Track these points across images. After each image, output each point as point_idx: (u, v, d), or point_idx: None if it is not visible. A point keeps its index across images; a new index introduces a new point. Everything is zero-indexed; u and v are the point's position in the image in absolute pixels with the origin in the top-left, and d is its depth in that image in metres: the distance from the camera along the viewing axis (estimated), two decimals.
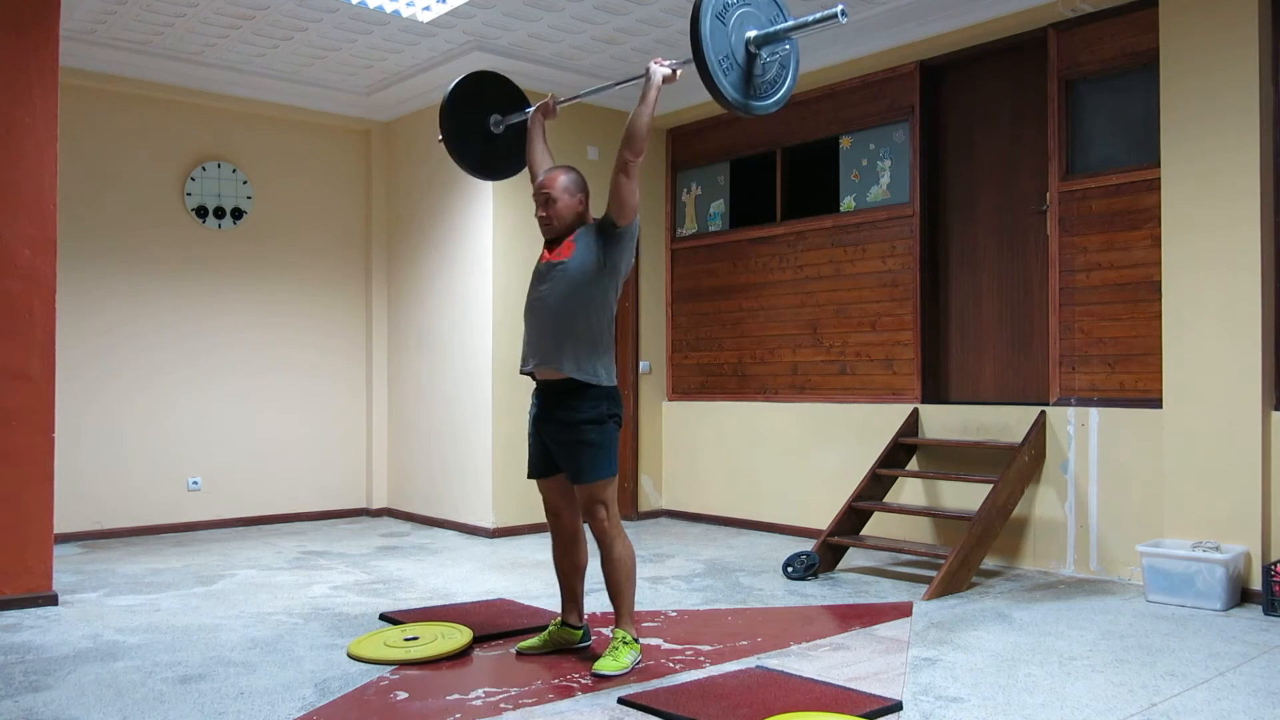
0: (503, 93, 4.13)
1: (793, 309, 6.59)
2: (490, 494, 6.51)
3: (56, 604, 4.47)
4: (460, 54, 6.37)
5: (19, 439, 4.42)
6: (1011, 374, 5.66)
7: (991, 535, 4.99)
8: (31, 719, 2.97)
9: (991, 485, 5.00)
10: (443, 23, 5.93)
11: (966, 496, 5.39)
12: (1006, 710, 3.04)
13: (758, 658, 3.63)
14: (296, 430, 7.20)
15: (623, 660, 3.41)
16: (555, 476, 3.63)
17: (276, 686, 3.27)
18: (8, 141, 4.42)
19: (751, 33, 3.27)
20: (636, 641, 3.51)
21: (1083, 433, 5.09)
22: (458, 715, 3.00)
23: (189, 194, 6.75)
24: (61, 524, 5.51)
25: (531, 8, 5.72)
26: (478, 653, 3.73)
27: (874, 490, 5.54)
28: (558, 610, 3.97)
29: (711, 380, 7.17)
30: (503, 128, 4.09)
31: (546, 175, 3.61)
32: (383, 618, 4.23)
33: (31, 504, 4.44)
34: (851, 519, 5.45)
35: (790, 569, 5.12)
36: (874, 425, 5.95)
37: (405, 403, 7.37)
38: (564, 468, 3.54)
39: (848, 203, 6.30)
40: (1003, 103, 5.69)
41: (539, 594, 4.73)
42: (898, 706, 3.05)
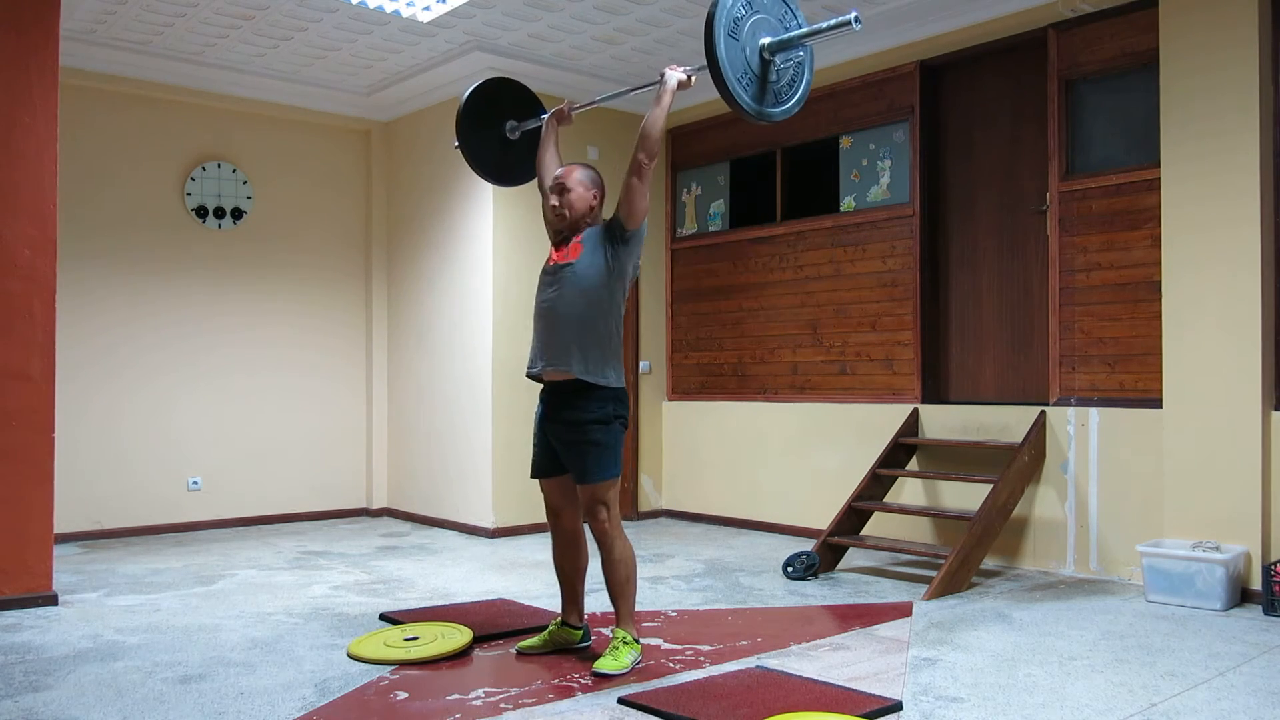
0: (518, 99, 4.13)
1: (793, 309, 6.59)
2: (490, 494, 6.51)
3: (56, 604, 4.47)
4: (460, 54, 6.38)
5: (19, 439, 4.41)
6: (1011, 374, 5.66)
7: (991, 535, 4.99)
8: (31, 719, 2.97)
9: (991, 485, 5.00)
10: (443, 23, 5.93)
11: (966, 496, 5.39)
12: (1006, 710, 3.04)
13: (758, 658, 3.63)
14: (296, 430, 7.20)
15: (623, 660, 3.41)
16: (558, 477, 3.64)
17: (276, 686, 3.27)
18: (8, 141, 4.42)
19: (766, 39, 3.28)
20: (637, 641, 3.52)
21: (1083, 433, 5.09)
22: (458, 715, 3.01)
23: (189, 194, 6.75)
24: (61, 524, 5.51)
25: (531, 8, 5.72)
26: (478, 653, 3.73)
27: (874, 490, 5.54)
28: (558, 610, 3.97)
29: (711, 380, 7.17)
30: (519, 134, 4.10)
31: (565, 167, 3.67)
32: (383, 618, 4.23)
33: (31, 504, 4.44)
34: (851, 519, 5.45)
35: (790, 569, 5.12)
36: (874, 425, 5.95)
37: (405, 403, 7.37)
38: (569, 467, 3.55)
39: (848, 203, 6.30)
40: (1003, 103, 5.69)
41: (539, 594, 4.73)
42: (898, 706, 3.05)
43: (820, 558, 5.16)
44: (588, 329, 3.46)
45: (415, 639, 3.76)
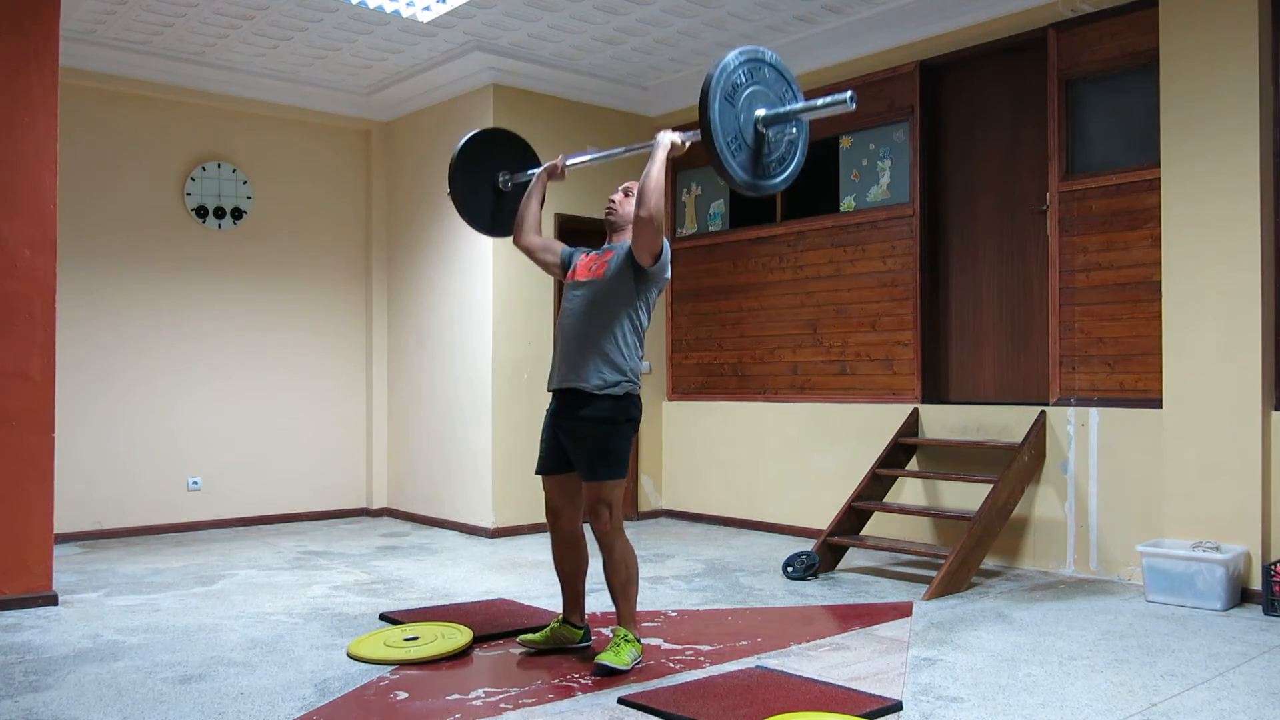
0: (513, 149, 4.16)
1: (792, 309, 6.59)
2: (490, 494, 6.51)
3: (56, 604, 4.47)
4: (460, 54, 6.38)
5: (19, 439, 4.41)
6: (1011, 374, 5.66)
7: (991, 535, 4.99)
8: (31, 719, 2.97)
9: (991, 485, 5.00)
10: (443, 23, 5.93)
11: (966, 496, 5.39)
12: (1006, 710, 3.04)
13: (758, 658, 3.63)
14: (296, 430, 7.20)
15: (624, 656, 3.41)
16: (562, 475, 3.65)
17: (276, 686, 3.27)
18: (8, 141, 4.42)
19: (761, 111, 3.30)
20: (638, 641, 3.52)
21: (1083, 433, 5.09)
22: (458, 715, 3.01)
23: (189, 194, 6.75)
24: (61, 524, 5.51)
25: (531, 8, 5.72)
26: (478, 653, 3.73)
27: (874, 490, 5.54)
28: (558, 610, 3.98)
29: (711, 380, 7.17)
30: (511, 186, 4.11)
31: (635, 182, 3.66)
32: (383, 618, 4.24)
33: (31, 504, 4.44)
34: (851, 519, 5.45)
35: (790, 569, 5.12)
36: (874, 425, 5.95)
37: (405, 403, 7.37)
38: (576, 465, 3.56)
39: (847, 203, 6.30)
40: (1003, 103, 5.69)
41: (539, 594, 4.73)
42: (898, 706, 3.05)
43: (820, 558, 5.16)
44: (607, 343, 3.49)
45: (415, 639, 3.76)
